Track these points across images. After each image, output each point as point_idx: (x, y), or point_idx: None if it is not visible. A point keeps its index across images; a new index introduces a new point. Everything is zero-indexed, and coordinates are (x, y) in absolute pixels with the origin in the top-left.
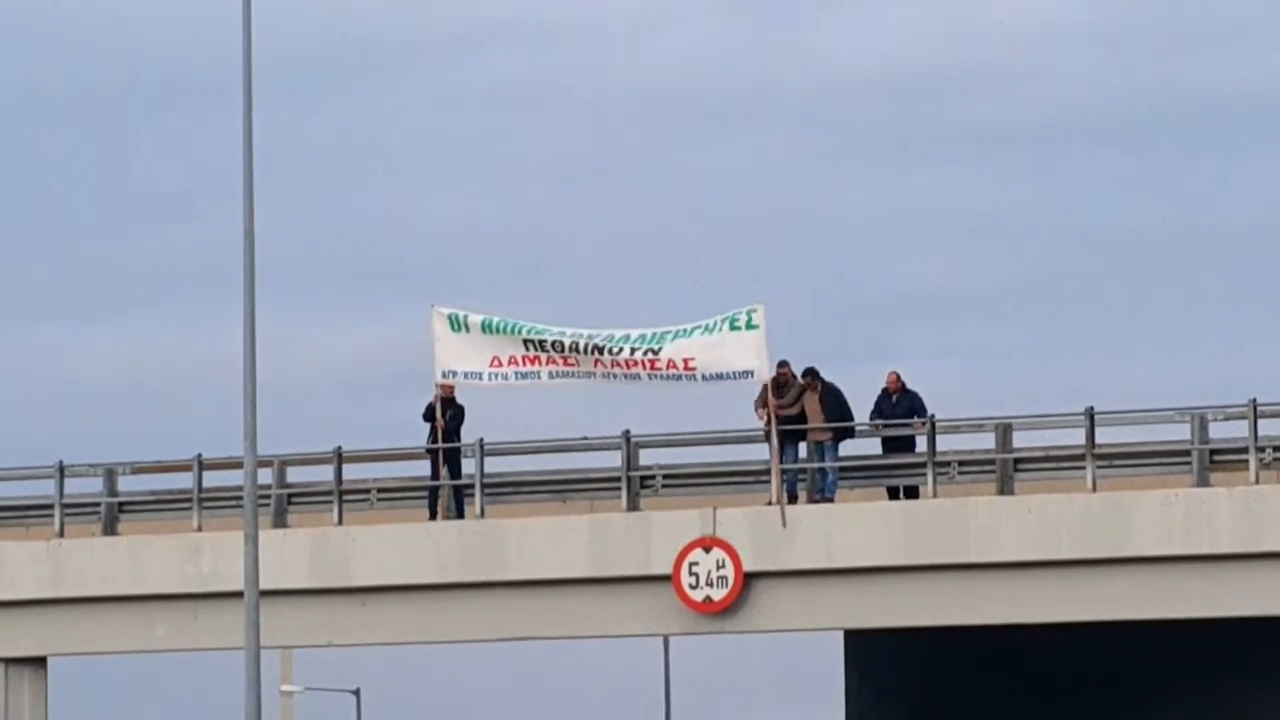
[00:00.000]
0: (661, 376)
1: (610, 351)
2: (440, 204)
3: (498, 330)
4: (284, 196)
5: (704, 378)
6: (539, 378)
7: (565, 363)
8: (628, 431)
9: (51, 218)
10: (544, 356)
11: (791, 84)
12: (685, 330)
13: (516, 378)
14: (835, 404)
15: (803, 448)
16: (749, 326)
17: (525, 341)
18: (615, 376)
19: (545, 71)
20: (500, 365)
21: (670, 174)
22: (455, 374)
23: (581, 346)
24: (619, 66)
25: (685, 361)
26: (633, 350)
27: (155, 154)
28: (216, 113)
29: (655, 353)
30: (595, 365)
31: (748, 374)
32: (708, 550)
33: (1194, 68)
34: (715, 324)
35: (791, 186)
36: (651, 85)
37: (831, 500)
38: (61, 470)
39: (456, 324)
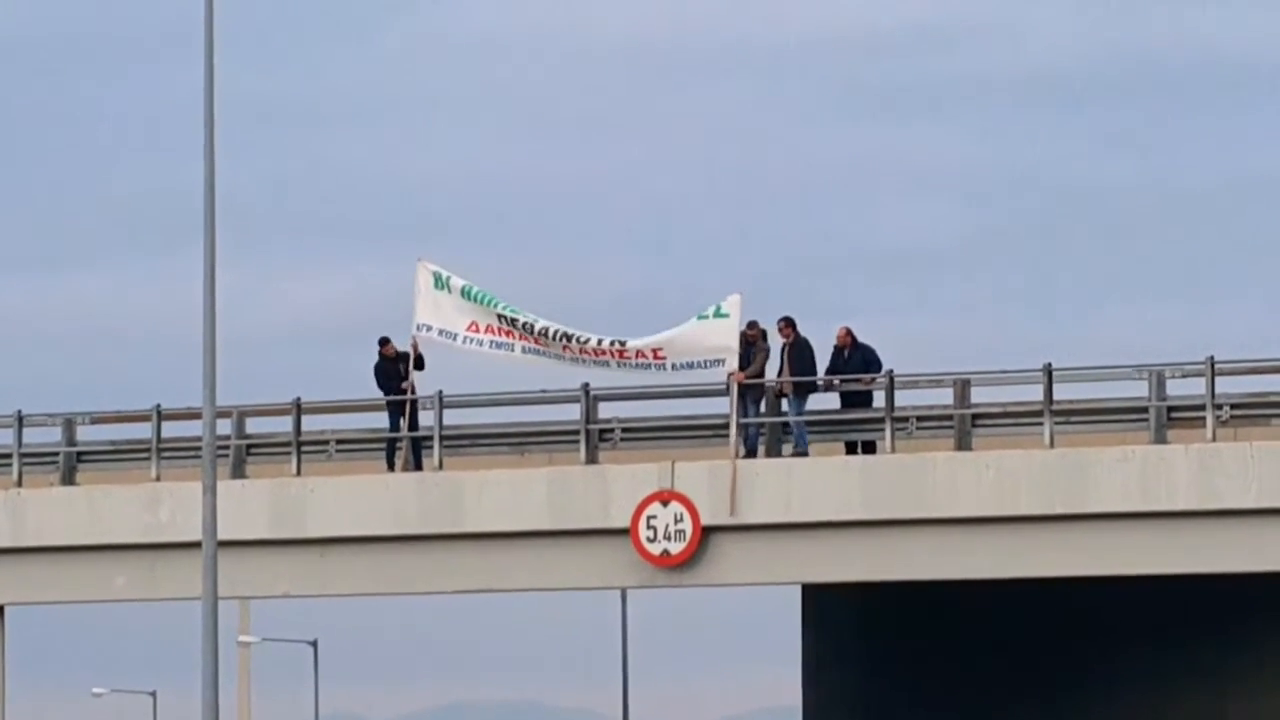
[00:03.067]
0: (630, 365)
1: (578, 340)
2: (414, 155)
3: (476, 299)
4: (254, 148)
5: (674, 367)
6: (512, 350)
7: (536, 342)
8: (586, 385)
9: (13, 169)
10: (517, 332)
11: (765, 39)
12: (661, 333)
13: (491, 346)
14: (800, 358)
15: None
16: (717, 315)
17: (499, 315)
18: (584, 362)
19: (523, 24)
20: (477, 331)
21: (643, 127)
22: (430, 329)
23: (551, 333)
24: (597, 20)
25: (654, 352)
26: (599, 341)
27: (123, 105)
28: (188, 64)
29: (623, 344)
30: (564, 350)
31: (719, 362)
32: (666, 504)
33: (1167, 29)
34: (686, 322)
35: (762, 141)
36: (629, 39)
37: (805, 453)
38: (20, 420)
39: (440, 282)
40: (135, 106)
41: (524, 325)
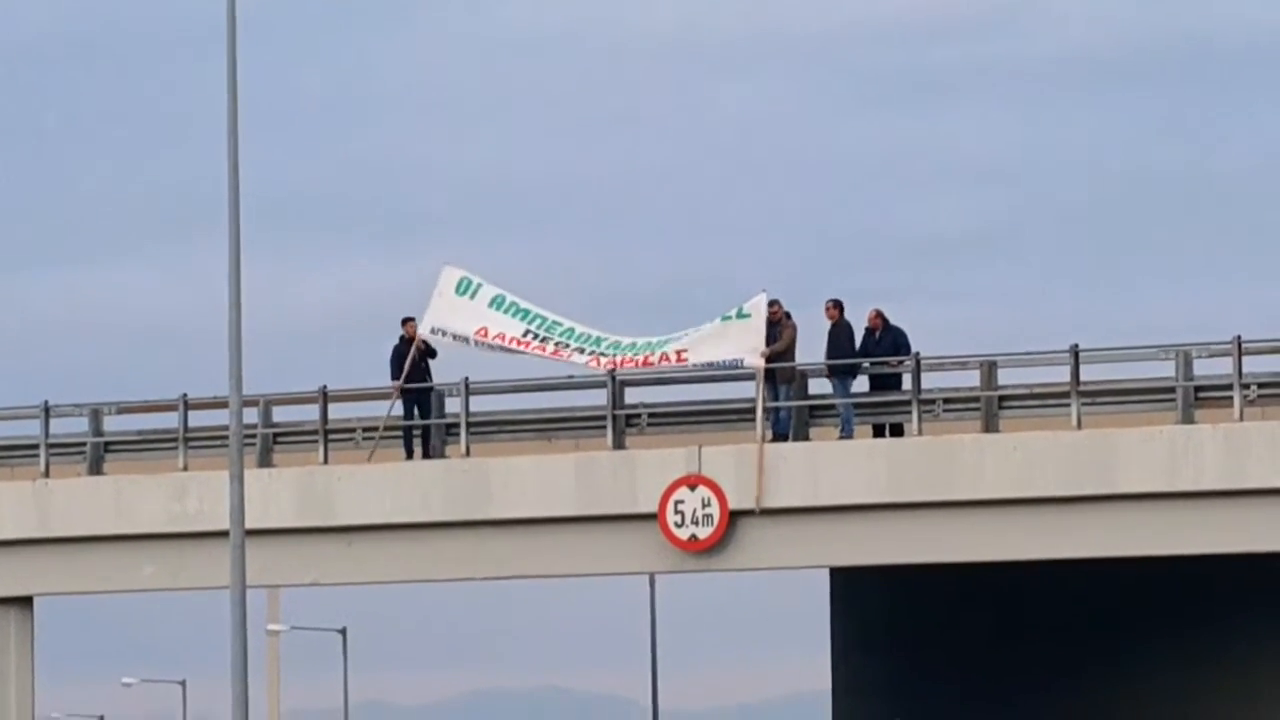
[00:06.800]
0: (652, 367)
1: (603, 354)
2: (442, 149)
3: (506, 310)
4: (282, 141)
5: (694, 366)
6: (522, 355)
7: (554, 354)
8: (613, 370)
9: (37, 165)
10: (533, 343)
11: (800, 28)
12: (686, 334)
13: (500, 351)
14: (840, 341)
15: (834, 385)
16: (740, 316)
17: (528, 330)
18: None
19: (556, 19)
20: (485, 336)
21: (678, 119)
22: (445, 333)
23: (583, 350)
24: (631, 13)
25: (678, 354)
26: (632, 350)
27: (146, 100)
28: (212, 58)
29: (653, 353)
30: (587, 362)
31: (737, 361)
32: (693, 488)
33: (1203, 12)
34: (709, 322)
35: (796, 129)
36: (663, 31)
37: (851, 436)
38: (47, 410)
39: (463, 288)
40: (159, 101)
41: (555, 344)
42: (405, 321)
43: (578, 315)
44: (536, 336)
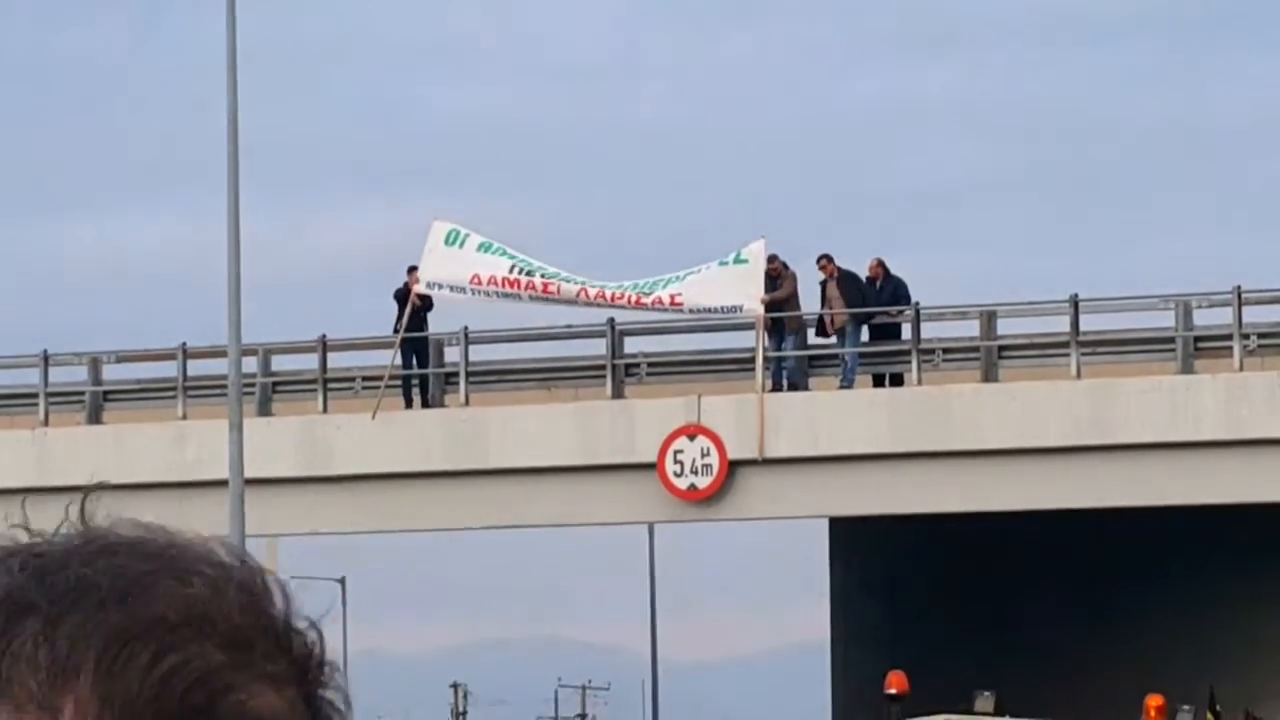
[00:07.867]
0: (647, 310)
1: (591, 288)
2: (446, 97)
3: (494, 254)
4: (286, 89)
5: (691, 311)
6: (519, 299)
7: (545, 290)
8: (612, 319)
9: (37, 113)
10: (525, 281)
11: None
12: (678, 276)
13: (497, 297)
14: (853, 289)
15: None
16: (737, 261)
17: (515, 267)
18: (599, 306)
19: None
20: (480, 283)
21: (675, 68)
22: (441, 287)
23: (563, 289)
24: None
25: (672, 298)
26: (619, 288)
27: (152, 46)
28: (218, 3)
29: (646, 294)
30: (579, 295)
31: (736, 308)
32: (692, 438)
33: None
34: (706, 266)
35: (795, 80)
36: None
37: (851, 386)
38: (46, 359)
39: (452, 239)
40: (164, 48)
41: (541, 277)
42: (410, 270)
43: (575, 268)
44: (525, 272)
